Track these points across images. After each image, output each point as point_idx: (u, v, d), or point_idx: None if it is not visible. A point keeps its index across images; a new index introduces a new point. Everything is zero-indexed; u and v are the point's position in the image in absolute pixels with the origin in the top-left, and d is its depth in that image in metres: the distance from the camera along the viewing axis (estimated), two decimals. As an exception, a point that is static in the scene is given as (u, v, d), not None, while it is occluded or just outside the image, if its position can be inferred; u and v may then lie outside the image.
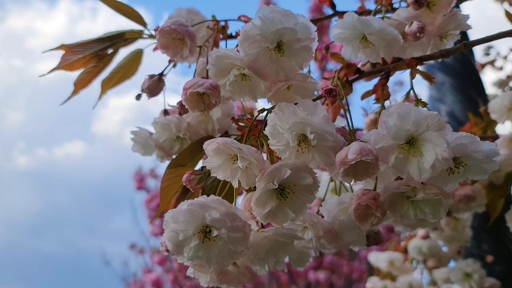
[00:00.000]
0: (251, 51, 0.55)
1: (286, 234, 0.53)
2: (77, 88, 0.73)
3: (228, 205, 0.51)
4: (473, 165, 0.52)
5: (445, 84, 1.57)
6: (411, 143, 0.50)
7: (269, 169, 0.51)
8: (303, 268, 0.65)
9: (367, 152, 0.50)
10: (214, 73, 0.59)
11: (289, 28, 0.54)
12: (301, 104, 0.53)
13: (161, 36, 0.61)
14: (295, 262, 0.63)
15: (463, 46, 0.63)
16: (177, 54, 0.62)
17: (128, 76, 0.78)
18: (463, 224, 1.18)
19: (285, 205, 0.53)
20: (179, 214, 0.50)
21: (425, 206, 0.54)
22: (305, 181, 0.52)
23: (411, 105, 0.50)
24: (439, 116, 0.48)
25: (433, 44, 0.65)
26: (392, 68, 0.63)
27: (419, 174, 0.50)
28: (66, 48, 0.72)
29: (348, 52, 0.61)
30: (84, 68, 0.74)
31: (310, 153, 0.53)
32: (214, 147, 0.52)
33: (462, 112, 1.49)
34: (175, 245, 0.51)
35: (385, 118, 0.50)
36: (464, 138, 0.51)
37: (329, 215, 0.61)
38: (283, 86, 0.58)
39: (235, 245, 0.51)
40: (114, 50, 0.75)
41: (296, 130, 0.52)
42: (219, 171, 0.55)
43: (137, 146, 0.73)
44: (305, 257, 0.63)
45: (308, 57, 0.57)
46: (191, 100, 0.58)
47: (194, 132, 0.69)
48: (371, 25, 0.57)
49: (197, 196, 0.73)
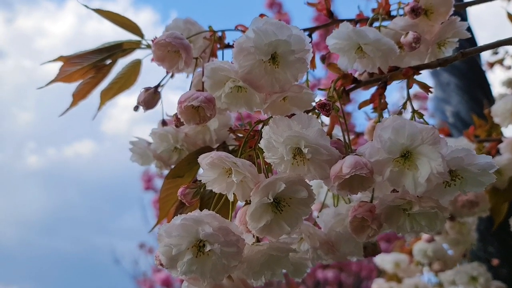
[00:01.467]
0: (245, 63, 0.55)
1: (280, 248, 0.53)
2: (75, 99, 0.74)
3: (221, 220, 0.51)
4: (469, 178, 0.52)
5: (451, 85, 1.56)
6: (406, 156, 0.50)
7: (264, 183, 0.51)
8: (300, 279, 0.65)
9: (362, 166, 0.49)
10: (209, 85, 0.59)
11: (283, 40, 0.53)
12: (296, 117, 0.53)
13: (156, 48, 0.61)
14: (292, 273, 0.63)
15: (460, 55, 0.62)
16: (173, 66, 0.63)
17: (127, 87, 0.78)
18: (468, 228, 1.17)
19: (281, 219, 0.53)
20: (172, 228, 0.50)
21: (422, 219, 0.53)
22: (300, 195, 0.52)
23: (405, 119, 0.49)
24: (434, 130, 0.48)
25: (431, 53, 0.65)
26: (389, 78, 0.62)
27: (414, 188, 0.49)
28: (64, 59, 0.72)
29: (344, 63, 0.61)
30: (83, 79, 0.74)
31: (306, 166, 0.53)
32: (208, 161, 0.52)
33: (467, 113, 1.47)
34: (169, 259, 0.51)
35: (379, 132, 0.50)
36: (460, 152, 0.50)
37: (326, 226, 0.61)
38: (278, 98, 0.58)
39: (229, 260, 0.51)
40: (112, 61, 0.76)
41: (290, 144, 0.51)
42: (214, 185, 0.55)
43: (136, 157, 0.73)
44: (302, 268, 0.63)
45: (303, 68, 0.56)
46: (186, 113, 0.58)
47: (191, 143, 0.69)
48: (366, 36, 0.57)
49: (195, 206, 0.73)
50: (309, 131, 0.51)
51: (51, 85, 0.74)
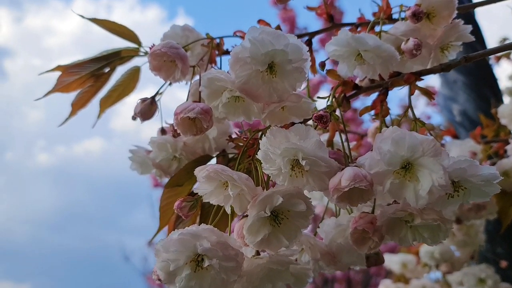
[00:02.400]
0: (242, 73, 0.54)
1: (280, 261, 0.52)
2: (74, 109, 0.73)
3: (219, 234, 0.50)
4: (473, 188, 0.51)
5: (458, 82, 1.53)
6: (407, 168, 0.49)
7: (261, 196, 0.50)
8: None
9: (361, 178, 0.48)
10: (207, 95, 0.58)
11: (280, 49, 0.52)
12: (293, 128, 0.52)
13: (152, 58, 0.60)
14: (294, 284, 0.62)
15: (464, 60, 0.60)
16: (169, 76, 0.62)
17: (126, 94, 0.77)
18: (476, 229, 1.15)
19: (279, 232, 0.52)
20: (170, 243, 0.49)
21: (424, 231, 0.52)
22: (298, 208, 0.51)
23: (405, 130, 0.48)
24: (434, 141, 0.47)
25: (434, 57, 0.63)
26: (390, 84, 0.61)
27: (415, 200, 0.48)
28: (63, 69, 0.71)
29: (343, 70, 0.59)
30: (81, 88, 0.73)
31: (304, 178, 0.52)
32: (204, 174, 0.51)
33: (475, 111, 1.45)
34: (167, 274, 0.50)
35: (379, 143, 0.48)
36: (463, 163, 0.49)
37: (327, 237, 0.60)
38: (276, 108, 0.57)
39: (228, 274, 0.50)
40: (111, 69, 0.75)
41: (288, 156, 0.50)
42: (211, 197, 0.54)
43: (135, 165, 0.72)
44: (304, 278, 0.62)
45: (301, 77, 0.55)
46: (182, 125, 0.57)
47: (190, 152, 0.68)
48: (365, 43, 0.55)
49: (196, 215, 0.73)
50: (307, 142, 0.50)
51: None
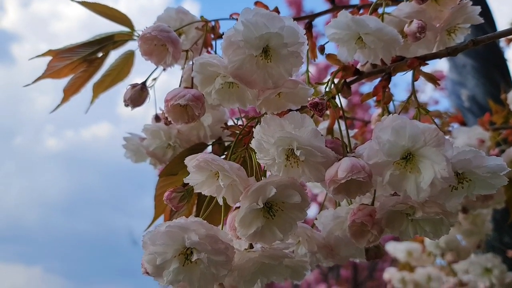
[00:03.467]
0: (235, 58, 0.51)
1: (273, 255, 0.50)
2: (67, 95, 0.71)
3: (208, 227, 0.48)
4: (478, 180, 0.48)
5: (467, 66, 1.49)
6: (407, 158, 0.46)
7: (253, 187, 0.48)
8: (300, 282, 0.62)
9: (359, 170, 0.45)
10: (200, 81, 0.56)
11: (275, 32, 0.49)
12: (288, 116, 0.49)
13: (143, 42, 0.57)
14: (291, 276, 0.60)
15: (471, 43, 0.57)
16: (161, 60, 0.59)
17: (120, 79, 0.75)
18: (483, 218, 1.12)
19: (273, 224, 0.50)
20: (157, 236, 0.47)
21: (426, 224, 0.49)
22: (293, 200, 0.48)
23: (406, 119, 0.45)
24: (437, 131, 0.44)
25: (440, 40, 0.60)
26: (392, 69, 0.58)
27: (416, 193, 0.45)
28: (54, 53, 0.69)
29: (343, 54, 0.56)
30: (74, 74, 0.71)
31: (300, 168, 0.49)
32: (194, 164, 0.49)
33: (484, 96, 1.41)
34: (155, 267, 0.48)
35: (378, 133, 0.46)
36: (468, 153, 0.46)
37: (325, 229, 0.58)
38: (272, 94, 0.54)
39: (218, 269, 0.48)
40: (104, 53, 0.72)
41: (282, 145, 0.48)
42: (203, 187, 0.52)
43: (129, 153, 0.70)
44: (301, 270, 0.60)
45: (298, 62, 0.52)
46: (174, 112, 0.54)
47: (185, 139, 0.66)
48: (366, 25, 0.52)
49: (192, 204, 0.71)
50: (302, 131, 0.47)
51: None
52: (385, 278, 1.50)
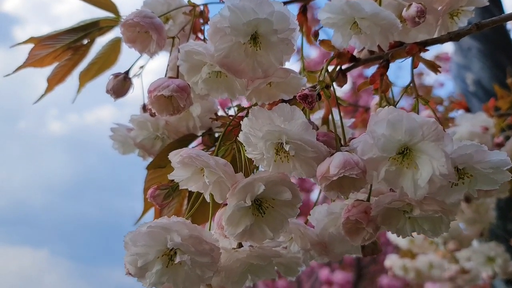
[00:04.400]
0: (222, 45, 0.48)
1: (262, 255, 0.48)
2: (51, 84, 0.68)
3: (192, 227, 0.45)
4: (480, 176, 0.45)
5: (472, 49, 1.44)
6: (404, 153, 0.43)
7: (241, 183, 0.45)
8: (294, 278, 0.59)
9: (352, 166, 0.43)
10: (186, 70, 0.52)
11: (263, 18, 0.46)
12: (277, 109, 0.46)
13: (125, 29, 0.54)
14: (284, 273, 0.57)
15: (475, 28, 0.53)
16: (145, 48, 0.56)
17: (107, 67, 0.72)
18: (486, 207, 1.09)
19: (263, 222, 0.47)
20: (138, 237, 0.45)
21: (424, 222, 0.47)
22: (283, 197, 0.46)
23: (403, 111, 0.42)
24: (436, 124, 0.41)
25: (442, 25, 0.56)
26: (391, 56, 0.54)
27: (414, 190, 0.42)
28: (36, 41, 0.66)
29: (338, 40, 0.53)
30: (58, 62, 0.68)
31: (291, 163, 0.46)
32: (178, 160, 0.46)
33: (490, 80, 1.36)
34: (137, 269, 0.46)
35: (372, 126, 0.43)
36: (469, 148, 0.43)
37: (318, 226, 0.55)
38: (261, 84, 0.51)
39: (203, 270, 0.45)
40: (90, 40, 0.69)
41: (270, 140, 0.45)
42: (189, 183, 0.50)
43: (117, 145, 0.68)
44: (294, 267, 0.57)
45: (288, 50, 0.49)
46: (158, 104, 0.52)
47: (173, 131, 0.63)
48: (361, 9, 0.49)
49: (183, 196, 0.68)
50: (291, 124, 0.44)
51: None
52: (386, 265, 1.49)
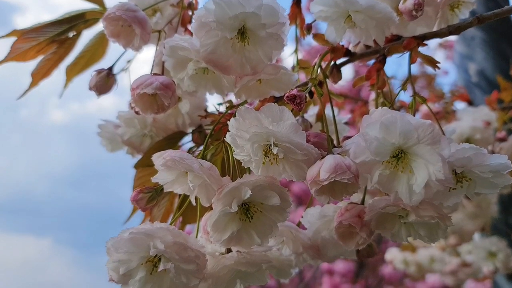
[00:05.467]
0: (207, 41, 0.46)
1: (251, 262, 0.45)
2: (35, 79, 0.65)
3: (176, 233, 0.43)
4: (479, 179, 0.43)
5: (476, 39, 1.40)
6: (399, 156, 0.41)
7: (227, 188, 0.43)
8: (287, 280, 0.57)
9: (344, 170, 0.40)
10: (171, 66, 0.50)
11: (251, 12, 0.43)
12: (265, 109, 0.43)
13: (108, 23, 0.51)
14: (277, 275, 0.55)
15: (476, 21, 0.50)
16: (129, 43, 0.53)
17: (95, 60, 0.69)
18: (488, 201, 1.07)
19: (251, 227, 0.45)
20: (120, 243, 0.42)
21: (420, 228, 0.44)
22: (271, 202, 0.44)
23: (397, 113, 0.39)
24: (432, 127, 0.38)
25: (441, 17, 0.53)
26: (387, 51, 0.51)
27: (409, 196, 0.40)
28: (18, 34, 0.63)
29: (331, 34, 0.50)
30: (43, 55, 0.65)
31: (280, 165, 0.44)
32: (161, 163, 0.44)
33: (493, 71, 1.33)
34: (120, 275, 0.43)
35: (365, 128, 0.40)
36: (468, 151, 0.41)
37: (310, 229, 0.53)
38: (250, 81, 0.48)
39: (188, 278, 0.43)
40: (76, 33, 0.66)
41: (258, 141, 0.42)
42: (174, 186, 0.48)
43: (105, 142, 0.65)
44: (287, 269, 0.55)
45: (278, 45, 0.46)
46: (141, 102, 0.49)
47: (162, 128, 0.61)
48: (356, 2, 0.46)
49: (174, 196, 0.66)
50: (280, 126, 0.42)
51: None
52: (387, 258, 1.47)
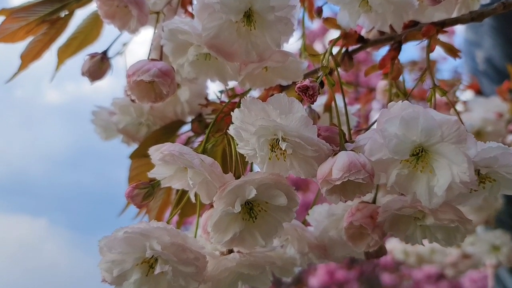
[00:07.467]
0: (210, 24, 0.42)
1: (254, 264, 0.42)
2: (25, 61, 0.61)
3: (174, 233, 0.40)
4: (504, 180, 0.39)
5: (484, 25, 1.35)
6: (419, 155, 0.37)
7: (230, 186, 0.40)
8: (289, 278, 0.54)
9: (359, 169, 0.37)
10: (171, 51, 0.46)
11: (258, -7, 0.39)
12: (273, 100, 0.39)
13: (101, 3, 0.47)
14: (279, 274, 0.52)
15: (502, 7, 0.46)
16: (125, 25, 0.49)
17: (89, 42, 0.65)
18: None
19: (254, 228, 0.42)
20: (114, 243, 0.39)
21: (437, 231, 0.41)
22: (277, 201, 0.40)
23: (419, 107, 0.36)
24: (458, 124, 0.34)
25: (462, 3, 0.49)
26: (404, 38, 0.48)
27: (428, 198, 0.37)
28: (7, 13, 0.59)
29: (344, 19, 0.46)
30: (33, 35, 0.61)
31: (288, 161, 0.40)
32: (158, 157, 0.41)
33: (502, 59, 1.29)
34: (114, 277, 0.40)
35: (383, 124, 0.36)
36: (494, 150, 0.37)
37: (318, 227, 0.50)
38: (255, 69, 0.45)
39: (187, 281, 0.40)
40: (68, 13, 0.62)
41: (264, 136, 0.39)
42: (172, 181, 0.44)
43: (99, 129, 0.62)
44: (290, 268, 0.52)
45: (287, 30, 0.43)
46: (138, 90, 0.45)
47: (159, 116, 0.57)
48: (373, -16, 0.42)
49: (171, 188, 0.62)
50: (289, 118, 0.38)
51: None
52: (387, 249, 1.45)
